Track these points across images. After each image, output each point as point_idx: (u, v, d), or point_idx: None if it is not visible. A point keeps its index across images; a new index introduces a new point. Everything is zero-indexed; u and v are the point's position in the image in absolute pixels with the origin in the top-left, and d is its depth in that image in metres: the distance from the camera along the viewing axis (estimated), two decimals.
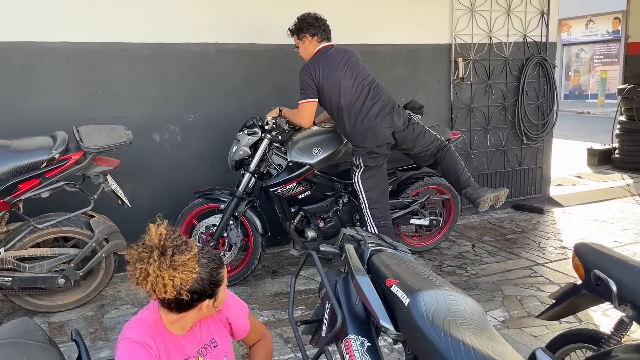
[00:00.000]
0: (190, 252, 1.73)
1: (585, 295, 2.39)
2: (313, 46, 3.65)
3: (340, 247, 2.00)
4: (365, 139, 3.49)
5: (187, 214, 3.80)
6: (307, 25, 3.62)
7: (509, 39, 5.41)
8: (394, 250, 2.00)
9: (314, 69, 3.53)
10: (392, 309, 1.66)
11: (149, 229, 1.77)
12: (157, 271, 1.66)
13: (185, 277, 1.69)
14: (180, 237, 1.76)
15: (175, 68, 4.15)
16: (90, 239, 3.32)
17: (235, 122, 4.36)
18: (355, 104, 3.50)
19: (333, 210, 3.87)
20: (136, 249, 1.74)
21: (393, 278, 1.72)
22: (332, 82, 3.50)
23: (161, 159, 4.19)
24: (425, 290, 1.62)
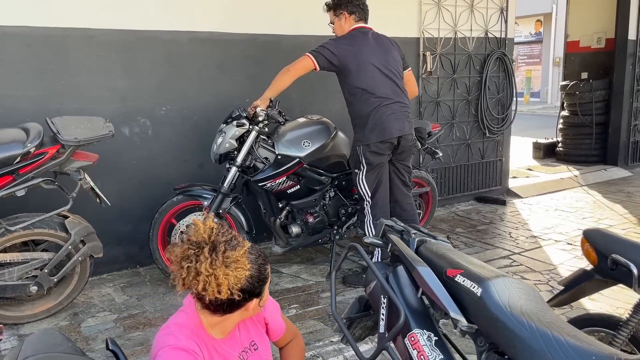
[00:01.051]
0: (243, 248, 1.59)
1: (597, 280, 2.42)
2: (349, 25, 3.48)
3: (383, 239, 1.91)
4: (373, 131, 3.37)
5: (165, 213, 3.57)
6: (347, 1, 3.44)
7: (472, 34, 5.51)
8: (435, 240, 1.94)
9: (344, 43, 3.37)
10: (458, 300, 1.59)
11: (194, 224, 1.61)
12: (210, 269, 1.51)
13: (238, 275, 1.55)
14: (229, 232, 1.61)
15: (145, 57, 3.88)
16: (65, 242, 3.04)
17: (209, 114, 4.16)
18: (378, 93, 3.37)
19: (320, 205, 3.76)
20: (181, 246, 1.57)
21: (454, 268, 1.65)
22: (361, 63, 3.35)
23: (131, 154, 3.91)
24: (493, 279, 1.56)
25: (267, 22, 4.32)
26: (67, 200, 2.97)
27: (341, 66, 3.36)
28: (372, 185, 3.49)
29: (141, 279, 3.89)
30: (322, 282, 3.73)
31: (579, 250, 4.28)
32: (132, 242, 4.02)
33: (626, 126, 7.33)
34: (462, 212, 5.54)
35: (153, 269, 4.03)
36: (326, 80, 4.68)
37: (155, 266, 4.01)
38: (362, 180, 3.49)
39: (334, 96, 4.77)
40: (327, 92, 4.72)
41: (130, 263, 4.06)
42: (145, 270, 4.05)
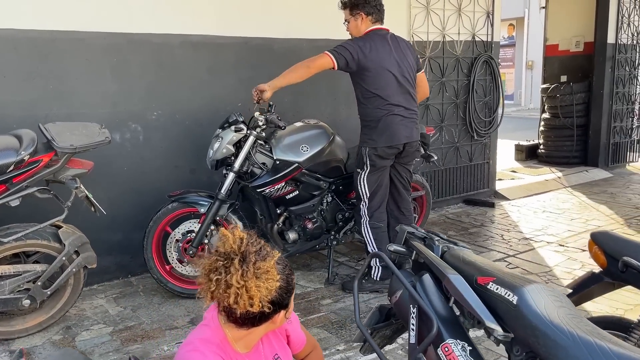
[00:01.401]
0: (273, 258, 1.53)
1: (605, 282, 2.42)
2: (365, 26, 3.43)
3: (407, 246, 1.87)
4: (382, 135, 3.36)
5: (160, 220, 3.47)
6: (365, 2, 3.38)
7: (459, 38, 5.54)
8: (457, 246, 1.91)
9: (363, 46, 3.30)
10: (491, 308, 1.56)
11: (222, 234, 1.55)
12: (241, 281, 1.45)
13: (269, 287, 1.50)
14: (258, 241, 1.56)
15: (136, 61, 3.78)
16: (59, 253, 2.92)
17: (200, 118, 4.07)
18: (391, 100, 3.36)
19: (318, 210, 3.70)
20: (209, 258, 1.51)
21: (485, 275, 1.62)
22: (379, 69, 3.32)
23: (122, 161, 3.80)
24: (527, 286, 1.54)
25: (258, 25, 4.26)
26: (61, 209, 2.85)
27: (359, 69, 3.34)
28: (372, 187, 3.47)
29: (134, 289, 3.77)
30: (321, 289, 3.68)
31: (571, 252, 4.33)
32: (124, 251, 3.90)
33: (606, 128, 7.47)
34: (452, 214, 5.55)
35: (145, 278, 3.92)
36: (318, 85, 4.65)
37: (148, 276, 3.90)
38: (363, 180, 3.46)
39: (325, 100, 4.74)
40: (318, 96, 4.68)
41: (121, 273, 3.93)
42: (137, 280, 3.93)
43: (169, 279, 3.52)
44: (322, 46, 4.58)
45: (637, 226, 4.95)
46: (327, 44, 4.62)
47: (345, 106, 4.85)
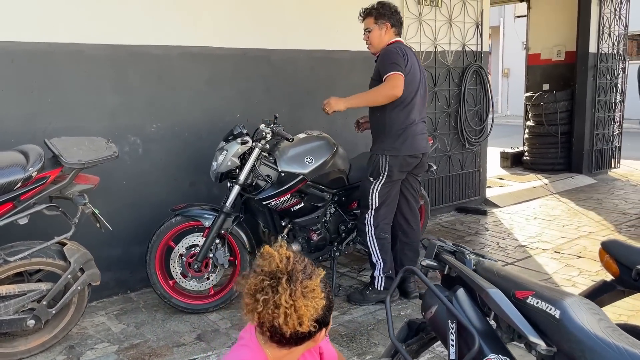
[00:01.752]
0: (318, 276, 1.52)
1: (617, 290, 2.46)
2: (389, 37, 3.45)
3: (438, 260, 1.87)
4: (404, 143, 3.40)
5: (163, 235, 3.41)
6: (390, 13, 3.42)
7: (451, 48, 5.61)
8: (484, 259, 1.92)
9: (404, 52, 3.33)
10: (531, 322, 1.57)
11: (266, 253, 1.53)
12: (290, 301, 1.43)
13: (316, 306, 1.48)
14: (303, 259, 1.54)
15: (135, 73, 3.72)
16: (64, 270, 2.85)
17: (199, 130, 4.03)
18: (415, 110, 3.42)
19: (322, 222, 3.69)
20: (255, 277, 1.48)
21: (522, 289, 1.63)
22: (412, 80, 3.34)
23: (121, 174, 3.73)
24: (567, 300, 1.55)
25: (256, 36, 4.24)
26: (65, 226, 2.78)
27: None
28: (382, 198, 3.47)
29: (135, 305, 3.69)
30: None
31: (567, 259, 4.40)
32: (123, 266, 3.83)
33: (589, 135, 7.64)
34: (446, 223, 5.59)
35: (145, 294, 3.85)
36: (314, 96, 4.64)
37: (148, 291, 3.84)
38: (376, 190, 3.46)
39: (322, 111, 4.72)
40: (315, 107, 4.67)
41: (120, 289, 3.85)
42: (137, 295, 3.85)
43: (173, 294, 3.46)
44: (318, 57, 4.63)
45: (627, 232, 5.06)
46: (324, 55, 4.67)
47: (341, 117, 4.85)
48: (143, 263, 3.76)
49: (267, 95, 4.37)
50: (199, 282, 3.45)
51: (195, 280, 3.44)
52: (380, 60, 3.38)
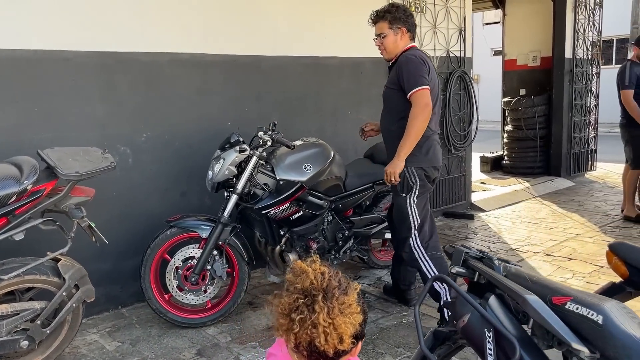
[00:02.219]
0: (355, 291, 1.45)
1: (626, 293, 2.47)
2: (404, 42, 3.21)
3: (466, 267, 1.83)
4: (428, 155, 3.19)
5: (158, 247, 3.30)
6: (405, 17, 3.17)
7: (435, 54, 5.63)
8: (509, 264, 1.89)
9: (424, 60, 3.10)
10: (572, 328, 1.54)
11: (298, 269, 1.45)
12: (328, 319, 1.35)
13: (354, 322, 1.41)
14: (337, 274, 1.47)
15: (124, 80, 3.61)
16: (59, 288, 2.71)
17: (189, 139, 3.93)
18: (434, 120, 3.21)
19: (320, 230, 3.63)
20: (288, 297, 1.40)
21: (559, 295, 1.60)
22: (433, 83, 3.13)
23: (110, 186, 3.59)
24: (606, 304, 1.53)
25: (246, 42, 4.17)
26: (61, 240, 2.65)
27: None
28: (422, 212, 3.20)
29: (127, 321, 3.56)
30: None
31: (559, 261, 4.44)
32: (113, 281, 3.69)
33: (566, 139, 7.78)
34: None
35: (137, 309, 3.72)
36: (304, 102, 4.60)
37: (141, 306, 3.72)
38: (413, 204, 3.18)
39: (312, 118, 4.69)
40: (305, 113, 4.63)
41: (111, 304, 3.71)
42: (129, 311, 3.71)
43: (169, 309, 3.34)
44: (308, 63, 4.58)
45: (612, 233, 5.14)
46: (313, 61, 4.62)
47: (330, 123, 4.82)
48: (134, 277, 3.64)
49: (257, 102, 4.29)
50: (196, 295, 3.34)
51: (192, 293, 3.33)
52: (404, 72, 3.07)
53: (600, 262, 4.36)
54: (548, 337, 1.59)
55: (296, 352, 1.46)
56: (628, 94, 5.38)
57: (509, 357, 1.54)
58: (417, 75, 3.02)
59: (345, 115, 4.93)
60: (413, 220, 3.20)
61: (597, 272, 4.17)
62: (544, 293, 1.62)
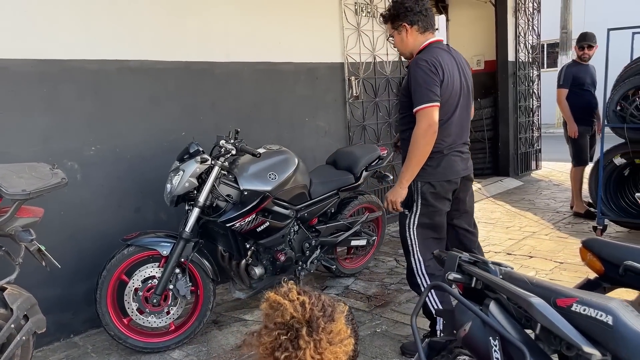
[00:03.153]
0: (342, 314, 1.32)
1: (601, 288, 2.48)
2: (413, 38, 2.80)
3: (461, 272, 1.74)
4: (440, 165, 2.79)
5: (115, 268, 3.05)
6: (405, 10, 2.75)
7: (388, 58, 5.62)
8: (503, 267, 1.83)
9: (437, 66, 2.65)
10: (580, 330, 1.48)
11: (273, 302, 1.30)
12: (316, 355, 1.22)
13: (346, 349, 1.28)
14: (319, 299, 1.33)
15: (69, 90, 3.35)
16: (5, 320, 2.43)
17: (142, 151, 3.71)
18: (452, 127, 2.79)
19: (286, 241, 3.49)
20: (267, 335, 1.25)
21: (564, 297, 1.54)
22: (449, 92, 2.72)
23: (58, 204, 3.31)
24: (612, 304, 1.48)
25: (199, 48, 3.99)
26: (9, 268, 2.38)
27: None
28: (421, 234, 2.87)
29: (82, 350, 3.28)
30: None
31: (520, 260, 4.48)
32: (64, 307, 3.40)
33: (513, 140, 7.98)
34: (395, 232, 5.54)
35: (92, 336, 3.44)
36: (260, 110, 4.46)
37: (95, 332, 3.47)
38: (412, 225, 2.86)
39: (268, 125, 4.56)
40: (261, 121, 4.48)
41: (62, 333, 3.41)
42: (82, 339, 3.43)
43: (129, 334, 3.10)
44: (263, 69, 4.45)
45: (566, 229, 5.27)
46: (268, 67, 4.49)
47: (288, 130, 4.70)
48: (87, 302, 3.40)
49: (212, 110, 4.11)
50: (158, 317, 3.12)
51: (154, 315, 3.10)
52: (413, 83, 2.69)
53: (559, 258, 4.44)
54: (555, 342, 1.53)
55: None
56: (560, 93, 5.65)
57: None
58: (424, 89, 2.63)
59: (302, 122, 4.82)
60: (411, 243, 2.87)
61: (558, 268, 4.23)
62: (548, 295, 1.56)
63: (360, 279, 4.24)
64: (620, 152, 4.88)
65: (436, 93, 2.64)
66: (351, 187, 3.91)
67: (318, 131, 4.97)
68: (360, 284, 4.14)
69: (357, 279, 4.24)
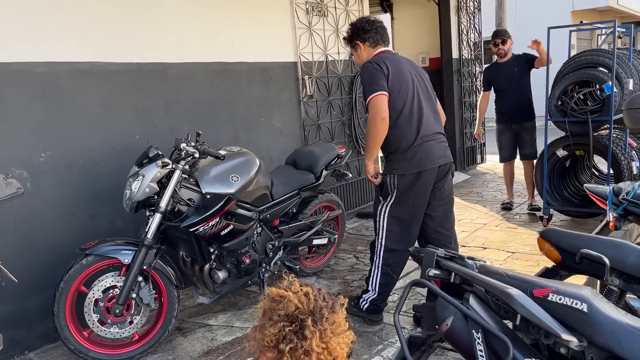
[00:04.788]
0: (343, 306, 1.35)
1: (559, 276, 2.62)
2: (367, 53, 3.21)
3: (442, 268, 1.79)
4: (415, 157, 3.04)
5: (73, 280, 2.93)
6: (358, 30, 3.20)
7: (340, 57, 5.67)
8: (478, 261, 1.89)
9: (380, 64, 3.00)
10: (557, 319, 1.55)
11: (276, 295, 1.31)
12: (322, 344, 1.24)
13: (347, 340, 1.32)
14: (320, 291, 1.36)
15: (17, 94, 3.18)
16: None
17: (96, 157, 3.58)
18: (420, 114, 3.06)
19: (250, 244, 3.45)
20: (272, 327, 1.26)
21: (540, 287, 1.61)
22: (400, 83, 3.00)
23: (6, 215, 3.13)
24: (584, 292, 1.57)
25: (151, 49, 3.88)
26: None
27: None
28: (392, 222, 3.19)
29: None
30: None
31: (474, 251, 4.64)
32: (16, 323, 3.23)
33: (459, 134, 8.23)
34: (352, 229, 5.61)
35: (48, 351, 3.30)
36: (216, 111, 4.39)
37: (52, 347, 3.33)
38: (384, 212, 3.18)
39: (224, 126, 4.50)
40: (217, 122, 4.42)
41: (16, 350, 3.24)
42: (38, 355, 3.27)
43: (90, 347, 2.99)
44: (217, 70, 4.38)
45: (514, 220, 5.49)
46: (221, 67, 4.44)
47: (244, 131, 4.65)
48: (41, 316, 3.27)
49: (166, 113, 4.01)
50: (120, 327, 3.02)
51: (116, 326, 3.00)
52: (362, 82, 3.11)
53: (511, 248, 4.62)
54: (534, 331, 1.59)
55: None
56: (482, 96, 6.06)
57: (500, 357, 1.52)
58: (368, 84, 3.00)
59: (258, 122, 4.79)
60: (380, 226, 3.22)
61: (510, 258, 4.40)
62: (524, 287, 1.63)
63: (322, 277, 4.26)
64: (562, 145, 5.12)
65: (380, 84, 2.96)
66: (312, 187, 3.93)
67: (274, 131, 4.95)
68: (323, 282, 4.16)
69: (319, 278, 4.26)
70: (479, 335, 1.57)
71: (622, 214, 2.99)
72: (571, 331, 1.53)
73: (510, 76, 5.61)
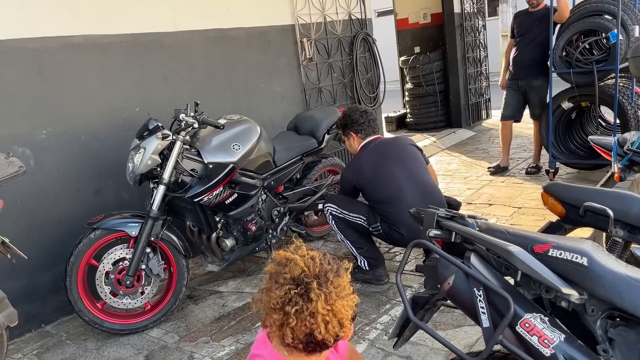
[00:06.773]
0: (348, 270, 1.37)
1: (564, 230, 2.62)
2: (358, 143, 3.44)
3: (443, 228, 1.79)
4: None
5: (83, 254, 2.97)
6: (352, 122, 3.43)
7: (338, 17, 5.55)
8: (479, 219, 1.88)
9: (357, 171, 3.32)
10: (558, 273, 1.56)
11: (283, 259, 1.33)
12: (327, 306, 1.26)
13: (352, 303, 1.34)
14: (325, 255, 1.38)
15: (12, 72, 3.16)
16: None
17: (96, 131, 3.58)
18: (412, 191, 3.21)
19: (256, 211, 3.47)
20: (278, 289, 1.28)
21: (540, 243, 1.61)
22: (381, 174, 3.24)
23: (12, 193, 3.16)
24: (585, 245, 1.56)
25: (144, 19, 3.82)
26: None
27: (359, 188, 3.40)
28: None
29: (56, 338, 3.21)
30: None
31: (481, 208, 4.64)
32: (30, 298, 3.30)
33: (463, 91, 8.12)
34: None
35: (64, 323, 3.38)
36: (215, 79, 4.35)
37: (67, 319, 3.43)
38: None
39: (224, 94, 4.47)
40: (217, 91, 4.38)
41: (33, 324, 3.33)
42: (55, 327, 3.36)
43: (104, 317, 3.06)
44: (213, 37, 4.33)
45: (520, 175, 5.47)
46: (218, 34, 4.37)
47: (244, 98, 4.62)
48: (54, 290, 3.34)
49: (164, 83, 3.98)
50: (132, 298, 3.08)
51: (128, 297, 3.06)
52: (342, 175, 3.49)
53: (517, 203, 4.62)
54: (535, 287, 1.60)
55: (288, 347, 1.34)
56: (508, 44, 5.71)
57: (501, 313, 1.53)
58: (342, 180, 3.42)
59: (258, 88, 4.74)
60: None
61: (517, 213, 4.40)
62: (525, 243, 1.62)
63: (329, 241, 4.29)
64: (567, 97, 5.04)
65: (347, 185, 3.38)
66: (315, 152, 3.92)
67: (274, 97, 4.91)
68: (330, 245, 4.20)
69: (326, 242, 4.30)
70: (480, 293, 1.58)
71: (627, 164, 2.96)
72: (572, 285, 1.53)
73: (531, 27, 5.26)
